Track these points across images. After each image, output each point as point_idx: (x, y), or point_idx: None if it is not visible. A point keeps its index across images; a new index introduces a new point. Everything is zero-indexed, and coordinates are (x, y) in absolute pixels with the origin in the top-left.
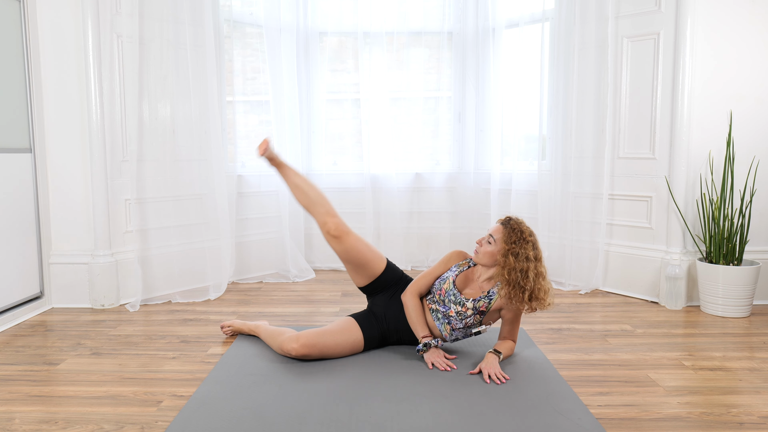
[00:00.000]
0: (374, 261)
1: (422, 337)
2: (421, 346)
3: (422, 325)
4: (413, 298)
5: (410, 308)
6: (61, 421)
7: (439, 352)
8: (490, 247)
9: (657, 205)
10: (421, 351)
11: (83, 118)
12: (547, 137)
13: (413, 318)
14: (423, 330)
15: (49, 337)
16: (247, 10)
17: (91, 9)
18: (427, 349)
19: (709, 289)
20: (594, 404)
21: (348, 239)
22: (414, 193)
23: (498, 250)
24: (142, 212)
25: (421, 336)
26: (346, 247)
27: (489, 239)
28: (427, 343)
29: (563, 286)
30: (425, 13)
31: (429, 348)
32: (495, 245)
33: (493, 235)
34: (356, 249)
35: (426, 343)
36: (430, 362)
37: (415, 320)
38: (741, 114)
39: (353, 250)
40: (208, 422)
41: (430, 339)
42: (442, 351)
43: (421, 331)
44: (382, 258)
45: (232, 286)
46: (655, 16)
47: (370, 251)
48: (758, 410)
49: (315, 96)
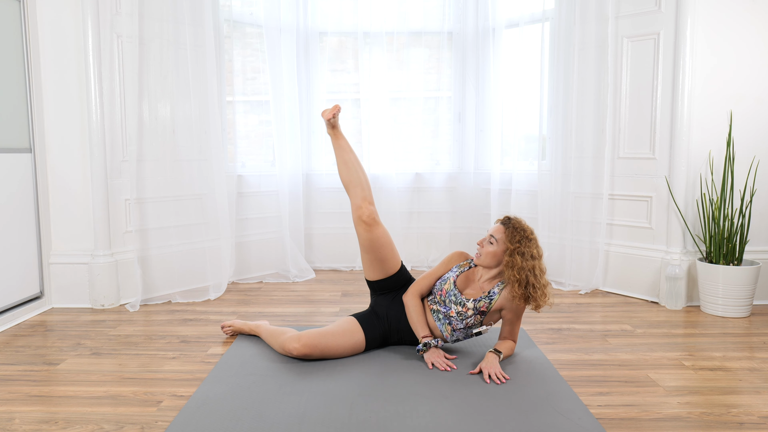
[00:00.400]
0: (392, 259)
1: (422, 337)
2: (421, 346)
3: (423, 325)
4: (414, 298)
5: (411, 308)
6: (61, 421)
7: (439, 352)
8: (492, 247)
9: (657, 205)
10: (421, 351)
11: (83, 118)
12: (547, 137)
13: (414, 318)
14: (423, 330)
15: (49, 337)
16: (247, 10)
17: (91, 9)
18: (427, 349)
19: (709, 289)
20: (594, 404)
21: (377, 230)
22: (414, 193)
23: (502, 250)
24: (142, 212)
25: (422, 336)
26: (372, 237)
27: (490, 239)
28: (427, 343)
29: (563, 286)
30: (425, 13)
31: (429, 348)
32: (497, 245)
33: (494, 235)
34: (381, 242)
35: (426, 343)
36: (430, 362)
37: (416, 320)
38: (741, 114)
39: (378, 241)
40: (208, 422)
41: (431, 339)
42: (442, 351)
43: (421, 331)
44: (399, 259)
45: (232, 286)
46: (655, 16)
47: (391, 249)
48: (758, 410)
49: (315, 96)
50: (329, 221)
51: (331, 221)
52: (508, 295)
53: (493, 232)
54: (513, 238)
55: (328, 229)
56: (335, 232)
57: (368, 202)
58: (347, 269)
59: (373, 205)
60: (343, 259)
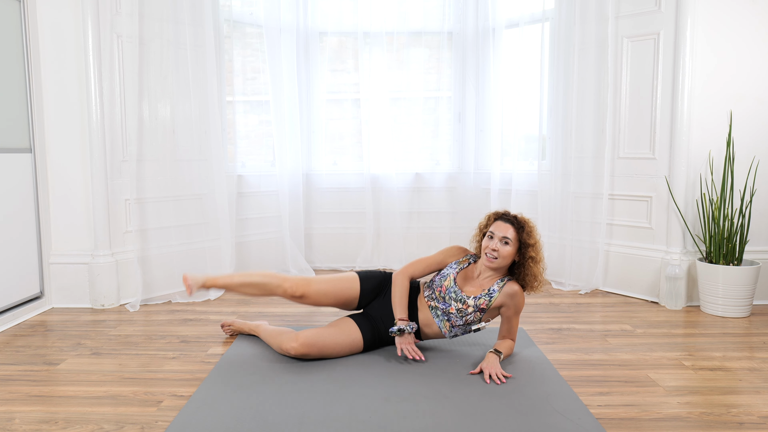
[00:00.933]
0: (348, 288)
1: (399, 320)
2: (396, 329)
3: (403, 308)
4: (404, 279)
5: (396, 288)
6: (61, 421)
7: (411, 339)
8: (509, 248)
9: (657, 205)
10: (394, 333)
11: (83, 118)
12: (547, 137)
13: (396, 298)
14: (402, 313)
15: (49, 337)
16: (247, 10)
17: (91, 9)
18: (401, 334)
19: (709, 289)
20: (594, 404)
21: (311, 290)
22: (414, 193)
23: (515, 249)
24: (142, 212)
25: (398, 318)
26: (315, 298)
27: (504, 240)
28: (401, 328)
29: (563, 286)
30: (425, 13)
31: (403, 334)
32: (512, 245)
33: (507, 236)
34: (325, 292)
35: (401, 328)
36: (400, 348)
37: (397, 301)
38: (741, 114)
39: (323, 294)
40: (208, 422)
41: (406, 324)
42: (413, 338)
43: (400, 312)
44: (352, 278)
45: None
46: (655, 16)
47: (338, 284)
48: (758, 410)
49: (315, 96)
50: (329, 221)
51: (331, 221)
52: (509, 291)
53: (503, 232)
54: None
55: (328, 229)
56: (335, 232)
57: (283, 280)
58: (347, 269)
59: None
60: (343, 259)
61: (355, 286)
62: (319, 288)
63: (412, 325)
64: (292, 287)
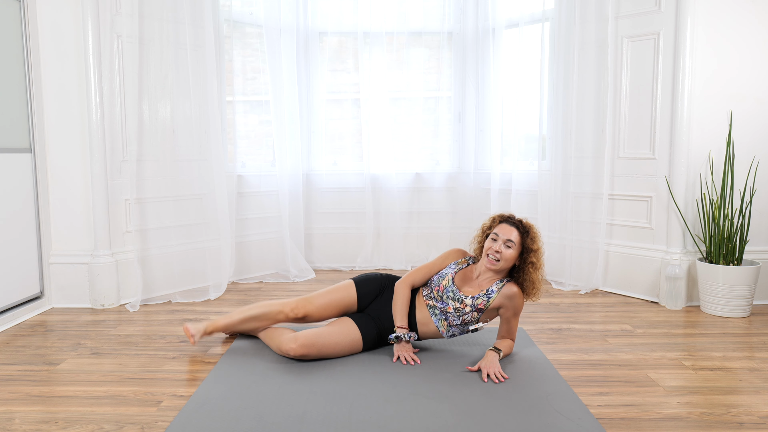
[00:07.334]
0: (346, 297)
1: (398, 327)
2: (393, 337)
3: (403, 316)
4: (405, 288)
5: (398, 296)
6: (61, 421)
7: (408, 347)
8: (512, 251)
9: (657, 205)
10: (392, 341)
11: (83, 118)
12: (547, 137)
13: (397, 306)
14: (402, 321)
15: (49, 337)
16: (247, 10)
17: (91, 9)
18: (399, 341)
19: (709, 289)
20: (594, 404)
21: (312, 308)
22: (414, 193)
23: (518, 252)
24: (141, 212)
25: (398, 325)
26: (318, 315)
27: (508, 243)
28: (399, 336)
29: (563, 286)
30: (425, 13)
31: (401, 341)
32: (515, 248)
33: (512, 239)
34: (326, 306)
35: (398, 336)
36: (397, 355)
37: (399, 309)
38: (741, 114)
39: (324, 308)
40: (208, 422)
41: (405, 333)
42: (411, 346)
43: (400, 320)
44: (348, 285)
45: (232, 286)
46: (655, 16)
47: (336, 294)
48: (758, 410)
49: (315, 96)
50: (329, 221)
51: (331, 221)
52: (507, 292)
53: (507, 235)
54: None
55: (328, 229)
56: (335, 232)
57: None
58: (347, 269)
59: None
60: (343, 259)
61: (351, 292)
62: (320, 303)
63: (410, 334)
64: (293, 310)
